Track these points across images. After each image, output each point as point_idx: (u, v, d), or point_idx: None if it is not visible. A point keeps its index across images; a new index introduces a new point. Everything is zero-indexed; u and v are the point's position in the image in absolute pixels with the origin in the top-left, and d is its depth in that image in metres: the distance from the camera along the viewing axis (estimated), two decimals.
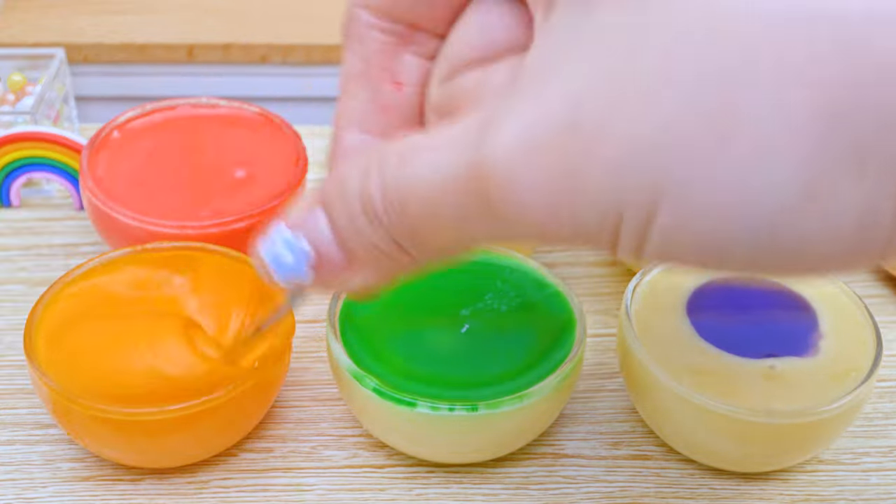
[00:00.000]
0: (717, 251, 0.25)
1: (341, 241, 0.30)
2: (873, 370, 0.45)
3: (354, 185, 0.29)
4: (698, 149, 0.23)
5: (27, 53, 0.70)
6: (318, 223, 0.31)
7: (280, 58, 1.23)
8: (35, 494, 0.47)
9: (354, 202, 0.29)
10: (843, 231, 0.24)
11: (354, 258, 0.31)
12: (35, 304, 0.48)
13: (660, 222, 0.24)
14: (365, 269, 0.31)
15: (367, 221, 0.29)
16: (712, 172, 0.23)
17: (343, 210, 0.30)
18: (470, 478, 0.48)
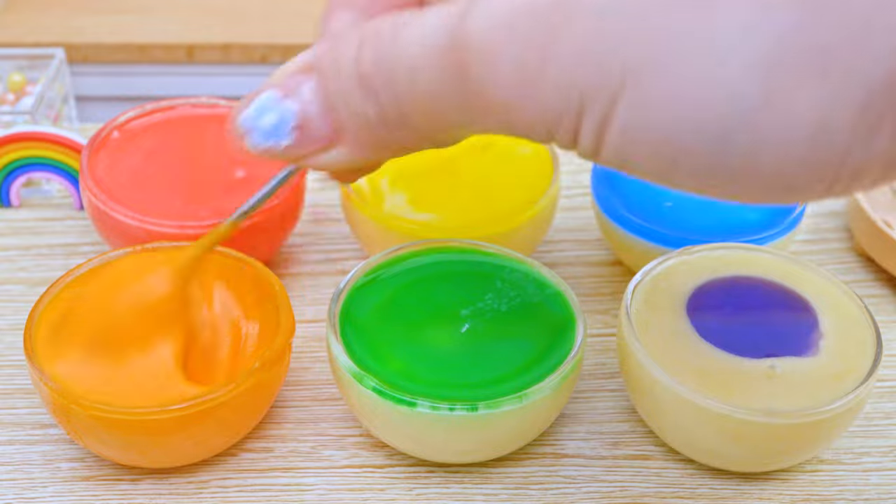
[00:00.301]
0: (671, 153, 0.25)
1: (329, 108, 0.30)
2: (873, 370, 0.45)
3: (350, 54, 0.29)
4: (657, 38, 0.23)
5: (27, 53, 0.70)
6: (304, 86, 0.30)
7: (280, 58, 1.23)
8: (35, 494, 0.47)
9: (349, 70, 0.29)
10: (797, 136, 0.23)
11: (339, 128, 0.30)
12: (35, 304, 0.48)
13: (619, 114, 0.25)
14: (346, 143, 0.31)
15: (359, 89, 0.29)
16: (670, 62, 0.24)
17: (335, 77, 0.30)
18: (470, 478, 0.48)
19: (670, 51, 0.24)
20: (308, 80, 0.30)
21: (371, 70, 0.29)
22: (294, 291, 0.58)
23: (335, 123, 0.30)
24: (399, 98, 0.29)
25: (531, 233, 0.56)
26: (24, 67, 0.70)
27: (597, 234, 0.62)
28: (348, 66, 0.29)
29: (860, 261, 0.61)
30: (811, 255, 0.62)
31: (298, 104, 0.30)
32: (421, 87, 0.28)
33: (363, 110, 0.29)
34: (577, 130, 0.26)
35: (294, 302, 0.56)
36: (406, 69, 0.28)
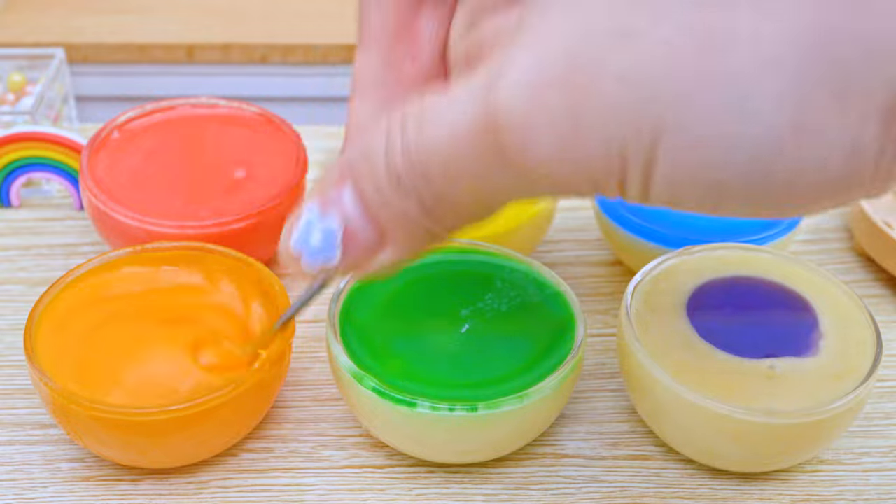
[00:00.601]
0: (716, 190, 0.25)
1: (370, 214, 0.30)
2: (873, 370, 0.45)
3: (379, 152, 0.29)
4: (683, 91, 0.24)
5: (27, 53, 0.70)
6: (343, 198, 0.30)
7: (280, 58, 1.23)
8: (35, 494, 0.47)
9: (380, 170, 0.29)
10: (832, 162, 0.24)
11: (383, 231, 0.30)
12: (35, 305, 0.48)
13: (662, 158, 0.25)
14: (394, 242, 0.30)
15: (393, 189, 0.28)
16: (699, 108, 0.24)
17: (370, 179, 0.29)
18: (470, 478, 0.48)
19: (697, 100, 0.24)
20: (345, 189, 0.30)
21: (403, 169, 0.28)
22: (294, 291, 0.58)
23: (377, 227, 0.30)
24: (439, 190, 0.28)
25: (531, 233, 0.56)
26: (24, 67, 0.70)
27: (597, 234, 0.62)
28: (380, 171, 0.29)
29: (860, 261, 0.61)
30: (811, 255, 0.62)
31: (339, 216, 0.30)
32: (460, 175, 0.27)
33: (404, 210, 0.29)
34: (623, 181, 0.26)
35: None
36: (440, 162, 0.27)
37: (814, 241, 0.63)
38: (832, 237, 0.63)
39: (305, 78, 1.24)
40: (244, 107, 0.62)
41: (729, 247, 0.52)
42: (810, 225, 0.64)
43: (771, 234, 0.55)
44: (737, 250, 0.52)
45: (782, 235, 0.55)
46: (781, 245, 0.55)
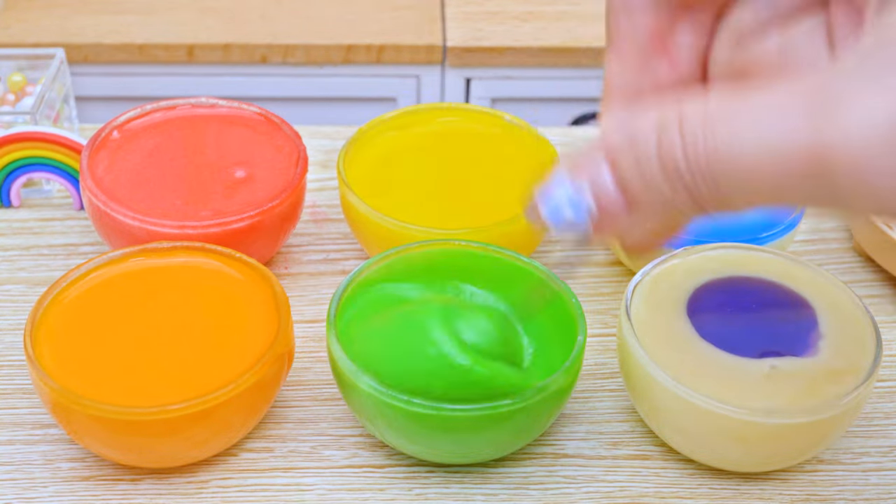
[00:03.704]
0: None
1: (626, 194, 0.30)
2: (873, 370, 0.45)
3: (650, 143, 0.28)
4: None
5: (27, 53, 0.70)
6: (601, 175, 0.30)
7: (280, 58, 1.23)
8: (35, 494, 0.47)
9: (651, 161, 0.28)
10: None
11: (637, 210, 0.30)
12: (35, 304, 0.48)
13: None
14: (646, 218, 0.30)
15: (664, 179, 0.28)
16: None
17: (634, 166, 0.29)
18: (470, 478, 0.48)
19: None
20: (603, 168, 0.30)
21: (684, 169, 0.28)
22: (294, 291, 0.58)
23: (633, 206, 0.30)
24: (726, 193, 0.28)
25: (531, 233, 0.56)
26: (24, 68, 0.69)
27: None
28: (650, 164, 0.29)
29: (860, 261, 0.61)
30: (811, 255, 0.62)
31: (594, 194, 0.30)
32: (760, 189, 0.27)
33: (670, 199, 0.29)
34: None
35: (294, 302, 0.56)
36: (739, 174, 0.27)
37: (814, 241, 0.63)
38: (832, 237, 0.63)
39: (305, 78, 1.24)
40: (244, 107, 0.62)
41: (729, 247, 0.52)
42: (810, 225, 0.64)
43: (771, 234, 0.55)
44: (737, 250, 0.52)
45: (782, 235, 0.55)
46: (781, 245, 0.55)
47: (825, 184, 0.26)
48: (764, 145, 0.27)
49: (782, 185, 0.27)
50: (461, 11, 1.28)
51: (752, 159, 0.27)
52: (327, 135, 0.71)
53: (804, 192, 0.27)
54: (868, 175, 0.25)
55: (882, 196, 0.26)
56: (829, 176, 0.26)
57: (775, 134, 0.26)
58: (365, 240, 0.57)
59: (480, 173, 0.60)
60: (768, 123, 0.27)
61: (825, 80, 0.26)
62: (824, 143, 0.26)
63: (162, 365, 0.47)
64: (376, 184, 0.58)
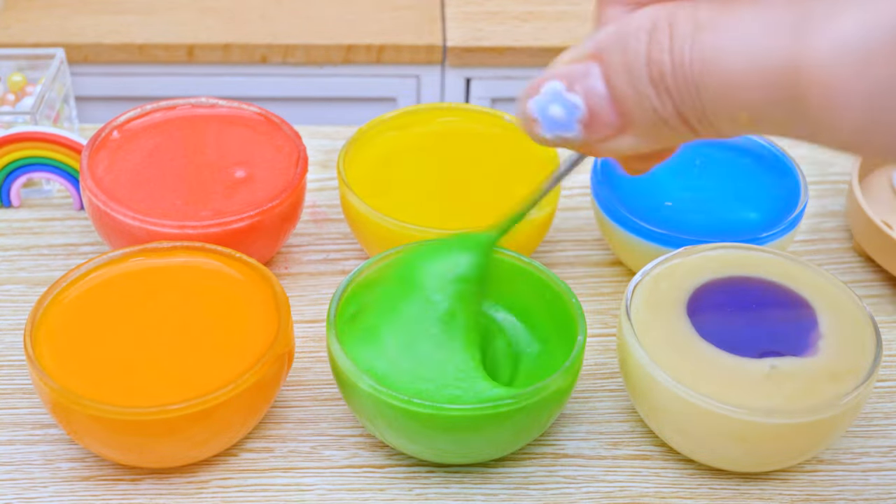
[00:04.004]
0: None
1: (617, 101, 0.29)
2: (873, 370, 0.45)
3: (640, 48, 0.28)
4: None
5: (27, 53, 0.70)
6: (592, 78, 0.29)
7: (280, 58, 1.23)
8: (35, 494, 0.47)
9: (639, 66, 0.28)
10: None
11: (628, 119, 0.29)
12: (35, 304, 0.48)
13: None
14: (636, 131, 0.30)
15: (651, 89, 0.28)
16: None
17: (623, 71, 0.28)
18: (470, 478, 0.48)
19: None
20: (592, 70, 0.29)
21: (669, 73, 0.28)
22: (294, 291, 0.58)
23: (622, 114, 0.29)
24: (707, 106, 0.28)
25: (531, 233, 0.56)
26: (24, 68, 0.69)
27: (597, 234, 0.62)
28: (638, 64, 0.28)
29: (860, 261, 0.61)
30: (811, 255, 0.62)
31: (583, 97, 0.30)
32: (738, 102, 0.27)
33: (657, 107, 0.28)
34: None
35: (294, 302, 0.56)
36: (720, 84, 0.27)
37: (814, 241, 0.63)
38: (832, 237, 0.63)
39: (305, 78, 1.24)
40: (244, 107, 0.62)
41: (729, 247, 0.52)
42: (810, 225, 0.64)
43: (771, 234, 0.55)
44: (737, 250, 0.52)
45: (782, 235, 0.55)
46: (781, 245, 0.55)
47: (798, 107, 0.26)
48: (745, 58, 0.26)
49: (759, 104, 0.26)
50: (461, 11, 1.28)
51: (734, 73, 0.27)
52: (327, 135, 0.71)
53: (779, 115, 0.26)
54: (833, 95, 0.25)
55: (848, 124, 0.25)
56: (800, 91, 0.25)
57: (757, 49, 0.26)
58: (365, 240, 0.57)
59: (480, 173, 0.60)
60: (753, 36, 0.26)
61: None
62: (799, 61, 0.25)
63: (162, 365, 0.47)
64: (376, 184, 0.58)
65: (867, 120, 0.25)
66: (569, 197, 0.66)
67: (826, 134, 0.26)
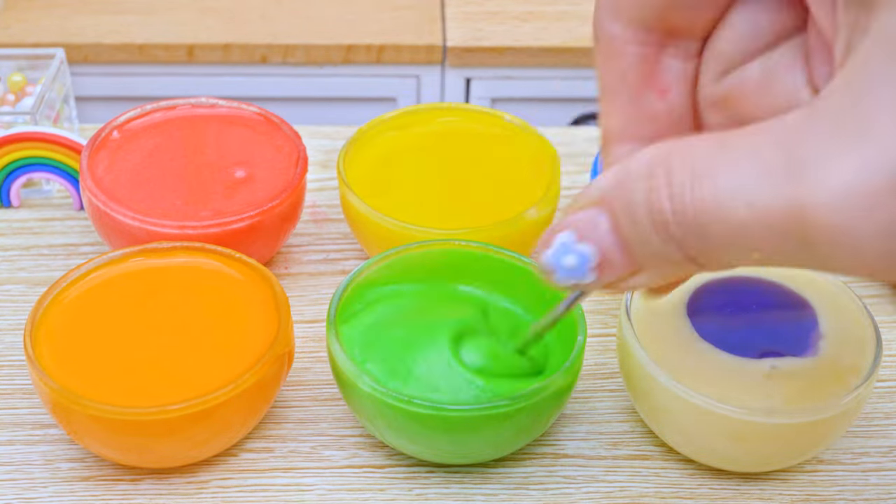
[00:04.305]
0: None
1: (625, 247, 0.30)
2: (873, 370, 0.45)
3: (640, 197, 0.28)
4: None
5: (27, 53, 0.70)
6: (599, 227, 0.30)
7: (280, 58, 1.23)
8: (35, 494, 0.47)
9: (641, 215, 0.29)
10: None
11: (638, 262, 0.30)
12: (35, 304, 0.48)
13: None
14: (648, 272, 0.30)
15: (655, 235, 0.28)
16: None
17: (628, 219, 0.29)
18: (470, 478, 0.48)
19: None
20: (600, 218, 0.30)
21: (671, 220, 0.28)
22: (294, 291, 0.58)
23: (632, 258, 0.30)
24: (714, 249, 0.28)
25: (531, 233, 0.56)
26: (24, 68, 0.69)
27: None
28: (640, 213, 0.29)
29: None
30: None
31: (595, 245, 0.30)
32: (745, 245, 0.27)
33: (664, 252, 0.29)
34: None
35: (294, 302, 0.56)
36: (725, 228, 0.27)
37: None
38: None
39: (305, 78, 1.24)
40: (244, 107, 0.62)
41: None
42: None
43: None
44: None
45: None
46: None
47: (805, 246, 0.26)
48: (746, 205, 0.26)
49: (769, 245, 0.27)
50: (461, 11, 1.28)
51: (736, 217, 0.27)
52: (327, 135, 0.71)
53: (788, 253, 0.27)
54: (841, 237, 0.25)
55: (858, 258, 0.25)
56: (805, 233, 0.25)
57: (756, 195, 0.26)
58: (365, 240, 0.57)
59: (480, 173, 0.60)
60: (750, 183, 0.26)
61: (799, 134, 0.26)
62: (799, 204, 0.25)
63: (162, 365, 0.47)
64: (376, 184, 0.58)
65: (883, 255, 0.25)
66: (569, 197, 0.66)
67: (841, 269, 0.26)
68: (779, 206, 0.26)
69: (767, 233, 0.26)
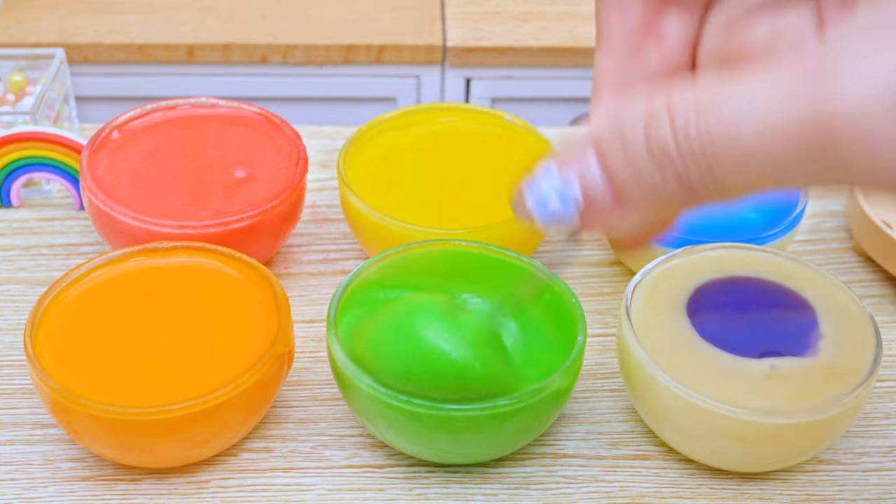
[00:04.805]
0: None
1: (614, 184, 0.30)
2: (873, 370, 0.45)
3: (637, 130, 0.28)
4: None
5: (27, 53, 0.70)
6: (589, 166, 0.30)
7: (280, 58, 1.23)
8: (35, 494, 0.47)
9: (639, 147, 0.28)
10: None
11: (626, 200, 0.30)
12: (35, 304, 0.48)
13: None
14: (636, 209, 0.30)
15: (652, 165, 0.28)
16: None
17: (621, 153, 0.29)
18: (470, 478, 0.48)
19: None
20: (588, 155, 0.30)
21: (675, 156, 0.28)
22: (294, 291, 0.58)
23: (620, 197, 0.30)
24: (720, 177, 0.28)
25: (531, 233, 0.56)
26: (24, 68, 0.69)
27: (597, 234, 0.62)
28: (637, 145, 0.28)
29: (860, 261, 0.61)
30: (811, 255, 0.62)
31: (580, 184, 0.30)
32: (757, 168, 0.27)
33: (658, 185, 0.29)
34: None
35: (294, 302, 0.56)
36: (735, 154, 0.27)
37: (814, 241, 0.63)
38: (832, 237, 0.63)
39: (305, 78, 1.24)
40: (244, 107, 0.62)
41: (729, 247, 0.52)
42: (810, 225, 0.64)
43: (771, 234, 0.55)
44: (737, 250, 0.52)
45: (782, 235, 0.55)
46: (781, 245, 0.55)
47: (827, 155, 0.26)
48: (761, 123, 0.26)
49: (782, 164, 0.27)
50: (461, 11, 1.28)
51: (750, 139, 0.27)
52: (327, 135, 0.71)
53: (804, 169, 0.27)
54: (871, 137, 0.25)
55: (884, 162, 0.25)
56: (831, 146, 0.26)
57: (773, 110, 0.26)
58: (365, 240, 0.57)
59: (480, 173, 0.60)
60: (765, 100, 0.26)
61: (823, 49, 0.26)
62: (825, 110, 0.25)
63: (162, 365, 0.47)
64: (376, 184, 0.58)
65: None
66: None
67: (861, 175, 0.26)
68: (799, 115, 0.26)
69: (781, 149, 0.26)
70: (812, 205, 0.65)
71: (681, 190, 0.29)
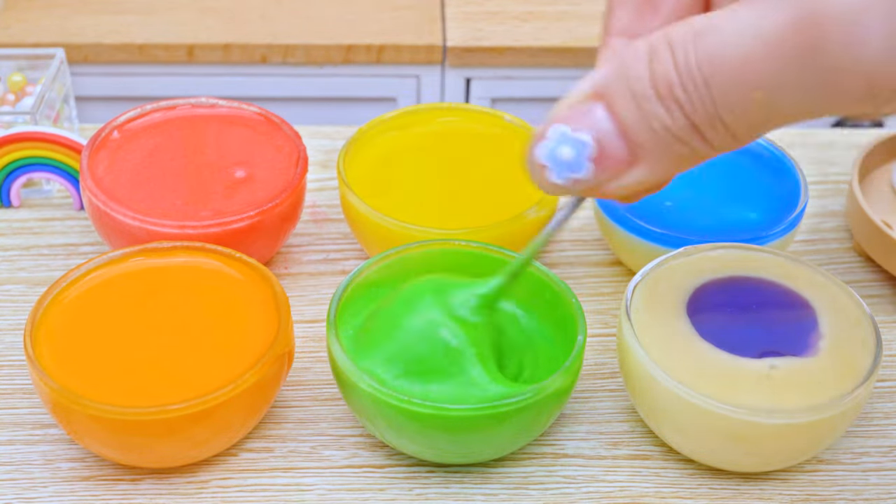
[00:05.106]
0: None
1: (625, 132, 0.29)
2: (873, 370, 0.45)
3: (641, 71, 0.28)
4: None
5: (27, 53, 0.70)
6: (596, 115, 0.30)
7: (280, 58, 1.23)
8: (35, 494, 0.47)
9: (644, 88, 0.28)
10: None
11: (639, 149, 0.30)
12: (35, 304, 0.48)
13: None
14: (648, 160, 0.30)
15: (660, 105, 0.28)
16: None
17: (629, 98, 0.29)
18: (470, 478, 0.48)
19: None
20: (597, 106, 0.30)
21: (676, 83, 0.28)
22: (294, 291, 0.58)
23: (632, 145, 0.30)
24: (719, 101, 0.28)
25: (531, 233, 0.56)
26: (24, 67, 0.69)
27: (597, 234, 0.62)
28: (643, 87, 0.28)
29: (860, 261, 0.61)
30: (811, 255, 0.62)
31: (592, 134, 0.30)
32: (754, 83, 0.27)
33: (668, 124, 0.29)
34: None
35: (294, 302, 0.56)
36: (732, 70, 0.27)
37: (814, 241, 0.63)
38: (832, 237, 0.63)
39: (305, 78, 1.24)
40: (244, 107, 0.62)
41: (729, 247, 0.52)
42: (810, 225, 0.64)
43: (771, 234, 0.55)
44: (737, 250, 0.52)
45: (782, 235, 0.55)
46: (781, 245, 0.55)
47: (816, 59, 0.26)
48: (752, 33, 0.27)
49: (774, 73, 0.27)
50: (461, 11, 1.28)
51: (742, 50, 0.27)
52: (327, 135, 0.71)
53: (796, 77, 0.27)
54: (853, 32, 0.25)
55: (867, 60, 0.26)
56: (820, 48, 0.26)
57: (764, 20, 0.27)
58: (365, 240, 0.57)
59: (480, 173, 0.60)
60: (756, 13, 0.27)
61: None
62: (812, 11, 0.26)
63: (162, 365, 0.47)
64: (376, 184, 0.58)
65: (889, 46, 0.25)
66: None
67: (847, 79, 0.26)
68: (788, 22, 0.26)
69: (773, 58, 0.27)
70: (812, 205, 0.65)
71: (687, 127, 0.28)
